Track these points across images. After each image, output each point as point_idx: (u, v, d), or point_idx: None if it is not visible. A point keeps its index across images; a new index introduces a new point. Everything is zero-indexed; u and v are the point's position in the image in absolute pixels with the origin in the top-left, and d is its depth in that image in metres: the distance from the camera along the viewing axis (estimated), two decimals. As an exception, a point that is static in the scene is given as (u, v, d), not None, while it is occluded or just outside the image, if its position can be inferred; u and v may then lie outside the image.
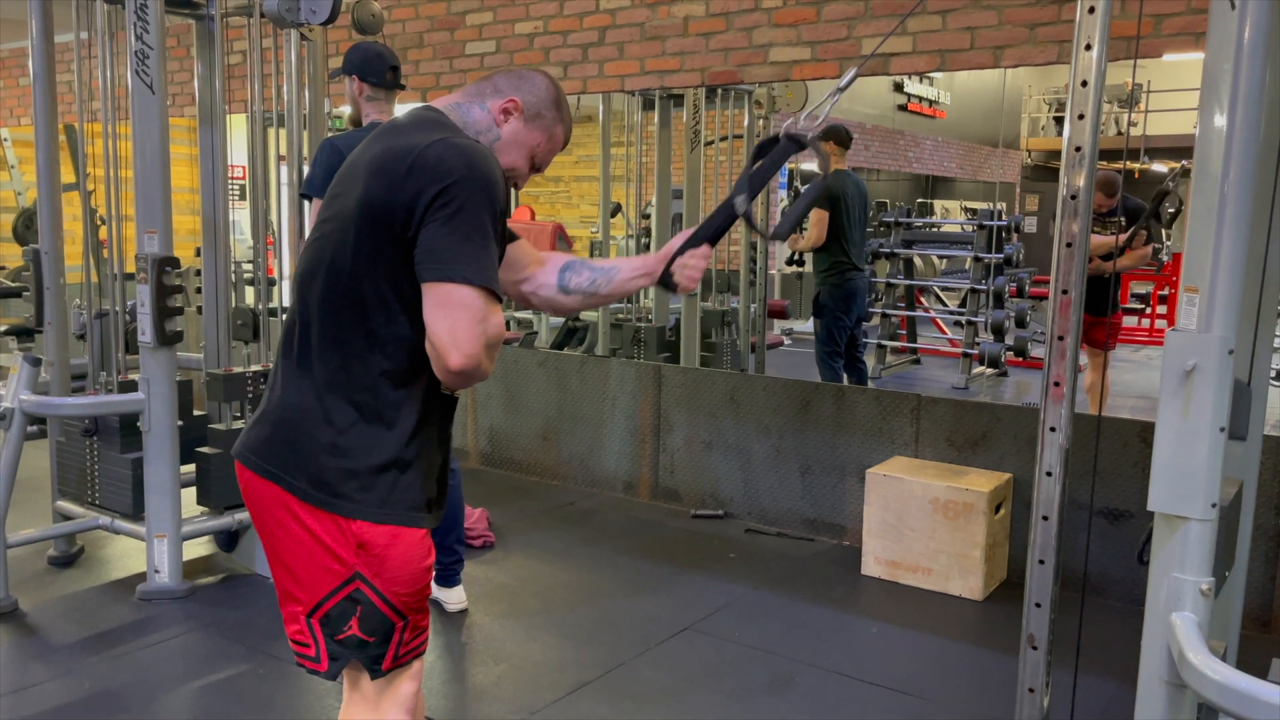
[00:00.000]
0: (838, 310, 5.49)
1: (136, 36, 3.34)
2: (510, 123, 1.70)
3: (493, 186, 1.52)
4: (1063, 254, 1.83)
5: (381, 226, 1.51)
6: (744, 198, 1.79)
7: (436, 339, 1.49)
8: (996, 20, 3.62)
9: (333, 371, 1.57)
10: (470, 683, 3.01)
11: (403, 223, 1.49)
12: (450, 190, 1.48)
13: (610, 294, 1.86)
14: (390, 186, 1.50)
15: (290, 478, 1.57)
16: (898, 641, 3.31)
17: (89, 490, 3.76)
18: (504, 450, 5.20)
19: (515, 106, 1.70)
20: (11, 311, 6.95)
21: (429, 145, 1.51)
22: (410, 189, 1.49)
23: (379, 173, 1.53)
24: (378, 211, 1.51)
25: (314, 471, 1.56)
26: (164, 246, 3.42)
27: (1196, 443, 1.50)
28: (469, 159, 1.51)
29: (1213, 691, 1.36)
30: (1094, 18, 1.75)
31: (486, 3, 4.90)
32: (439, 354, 1.50)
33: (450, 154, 1.50)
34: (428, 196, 1.48)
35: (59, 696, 2.83)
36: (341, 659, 1.63)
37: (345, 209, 1.56)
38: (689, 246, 1.82)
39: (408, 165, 1.50)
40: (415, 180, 1.49)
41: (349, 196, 1.57)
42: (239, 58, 5.36)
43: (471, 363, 1.49)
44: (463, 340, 1.48)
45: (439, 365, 1.51)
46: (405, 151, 1.52)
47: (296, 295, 1.64)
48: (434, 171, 1.48)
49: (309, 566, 1.60)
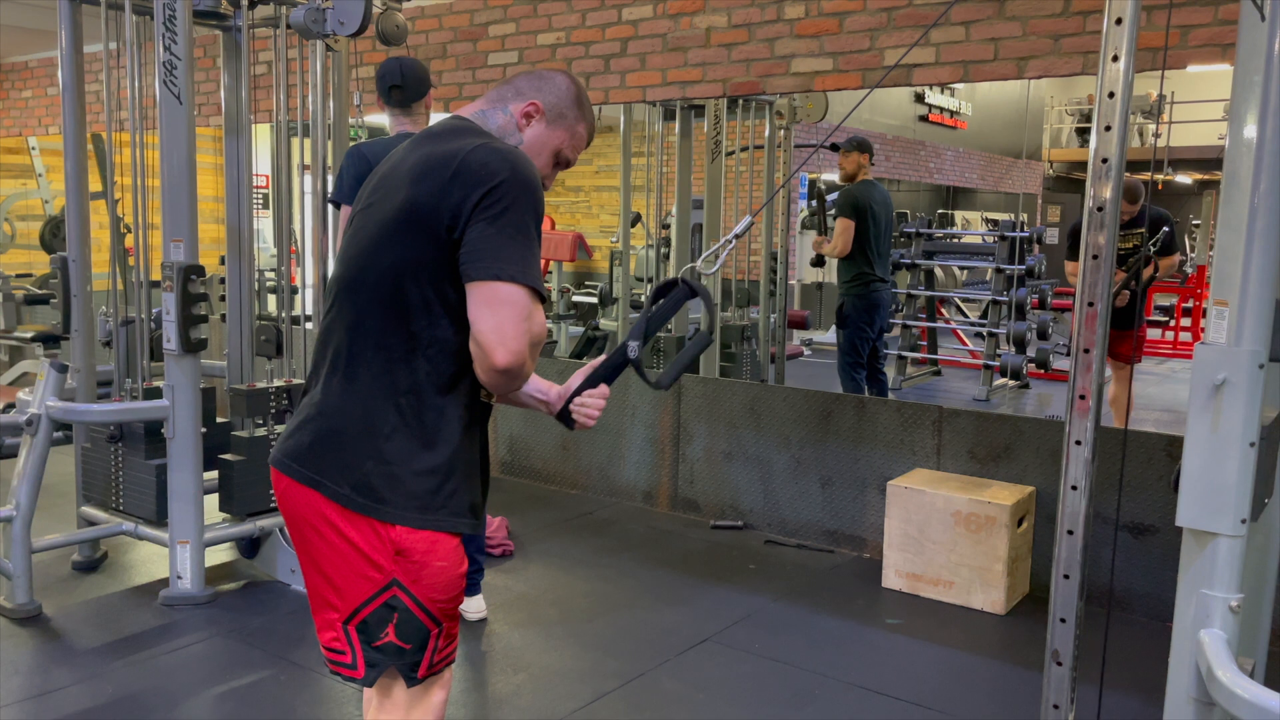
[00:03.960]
0: (861, 321, 5.47)
1: (165, 47, 3.38)
2: (532, 126, 1.71)
3: (535, 190, 1.55)
4: (1088, 266, 1.82)
5: (425, 230, 1.53)
6: (637, 344, 1.78)
7: (482, 336, 1.50)
8: (1021, 31, 3.60)
9: (375, 376, 1.58)
10: (490, 691, 3.01)
11: (448, 226, 1.51)
12: (496, 192, 1.50)
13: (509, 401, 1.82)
14: (435, 191, 1.52)
15: (333, 484, 1.58)
16: (919, 655, 3.28)
17: (113, 496, 3.80)
18: (524, 459, 5.21)
19: (536, 109, 1.71)
20: (38, 318, 7.04)
21: (473, 150, 1.54)
22: (457, 193, 1.51)
23: (422, 177, 1.55)
24: (422, 215, 1.53)
25: (358, 478, 1.57)
26: (190, 255, 3.45)
27: (1226, 457, 1.49)
28: (513, 163, 1.53)
29: (1242, 709, 1.34)
30: (1121, 29, 1.74)
31: (509, 14, 4.93)
32: (484, 352, 1.50)
33: (494, 158, 1.53)
34: (474, 199, 1.50)
35: (83, 701, 2.85)
36: (379, 666, 1.63)
37: (385, 215, 1.58)
38: (586, 386, 1.81)
39: (453, 170, 1.52)
40: (461, 184, 1.51)
41: (389, 202, 1.58)
42: (263, 68, 5.42)
43: (517, 360, 1.50)
44: (510, 337, 1.49)
45: (483, 364, 1.52)
46: (449, 156, 1.54)
47: (335, 301, 1.65)
48: (479, 175, 1.51)
49: (346, 574, 1.60)
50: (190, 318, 3.43)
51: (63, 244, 4.02)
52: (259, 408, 3.67)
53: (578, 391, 1.81)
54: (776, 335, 6.36)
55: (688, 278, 1.82)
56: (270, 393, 3.69)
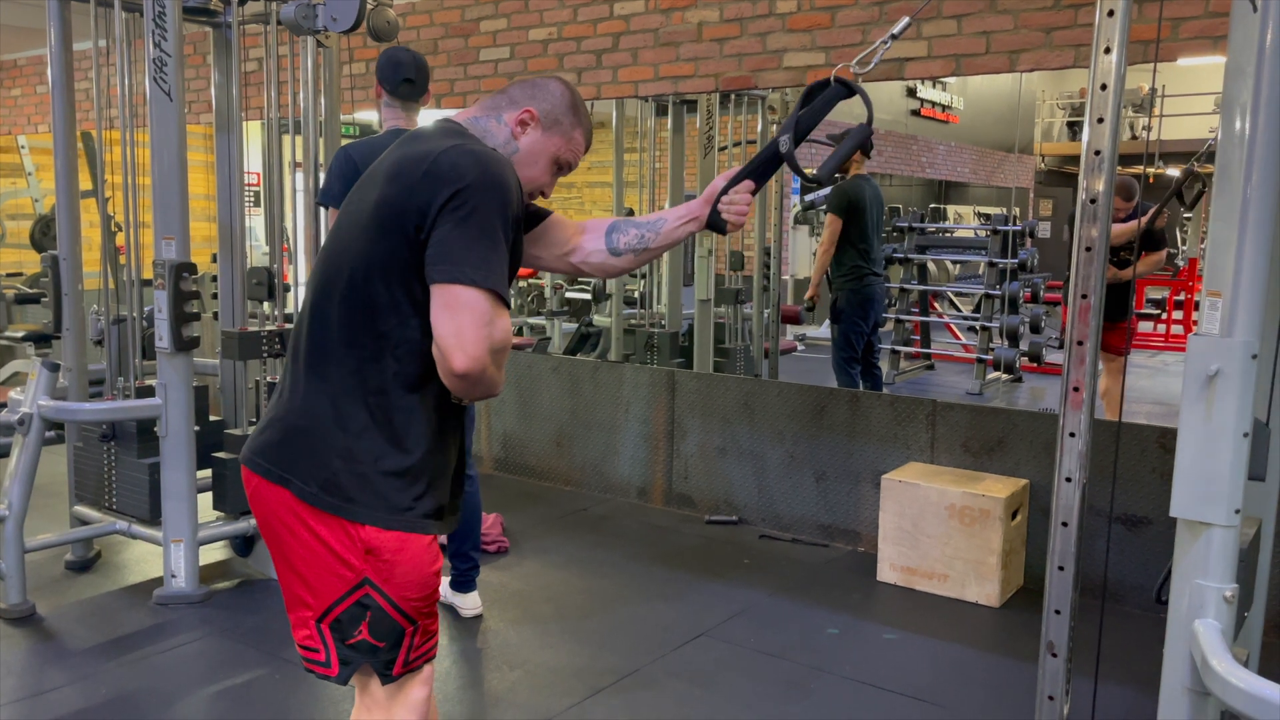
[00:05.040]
0: (855, 316, 5.47)
1: (155, 44, 3.36)
2: (528, 134, 1.71)
3: (505, 192, 1.54)
4: (1082, 258, 1.82)
5: (395, 229, 1.53)
6: (788, 138, 1.77)
7: (442, 340, 1.50)
8: (1012, 25, 3.61)
9: (346, 375, 1.57)
10: (486, 688, 3.01)
11: (416, 225, 1.51)
12: (462, 194, 1.49)
13: (660, 246, 1.86)
14: (405, 190, 1.52)
15: (301, 482, 1.57)
16: (913, 648, 3.29)
17: (106, 495, 3.78)
18: (518, 456, 5.20)
19: (531, 116, 1.71)
20: (29, 317, 7.01)
21: (444, 151, 1.54)
22: (425, 193, 1.51)
23: (395, 177, 1.55)
24: (393, 214, 1.53)
25: (326, 476, 1.56)
26: (182, 252, 3.44)
27: (1219, 448, 1.49)
28: (482, 164, 1.53)
29: (1237, 698, 1.35)
30: (1113, 21, 1.74)
31: (500, 9, 4.92)
32: (444, 355, 1.50)
33: (464, 159, 1.53)
34: (441, 199, 1.49)
35: (76, 701, 2.84)
36: (353, 663, 1.63)
37: (360, 213, 1.58)
38: (732, 185, 1.82)
39: (423, 170, 1.52)
40: (429, 184, 1.51)
41: (365, 201, 1.59)
42: (254, 65, 5.40)
43: (476, 365, 1.50)
44: (468, 342, 1.49)
45: (444, 367, 1.52)
46: (421, 157, 1.54)
47: (309, 300, 1.65)
48: (448, 175, 1.50)
49: (318, 572, 1.60)
50: (183, 315, 3.42)
51: (53, 243, 4.00)
52: (251, 350, 3.64)
53: (723, 191, 1.82)
54: (770, 330, 6.37)
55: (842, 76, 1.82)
56: (262, 336, 3.66)
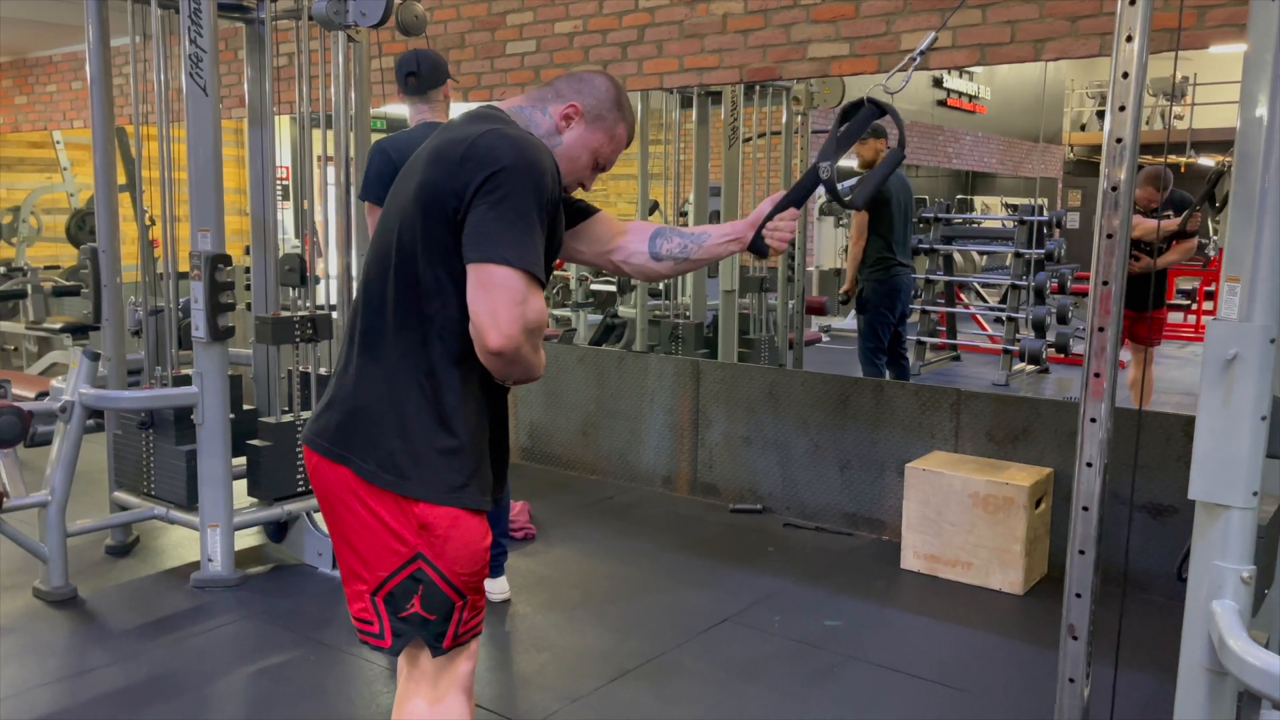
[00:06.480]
0: (881, 306, 5.47)
1: (190, 40, 3.43)
2: (572, 128, 1.75)
3: (541, 175, 1.58)
4: (1103, 246, 1.84)
5: (436, 212, 1.58)
6: (829, 164, 1.84)
7: (476, 318, 1.55)
8: (1037, 13, 3.60)
9: (399, 357, 1.63)
10: (515, 670, 3.06)
11: (454, 208, 1.56)
12: (498, 176, 1.54)
13: (700, 259, 1.92)
14: (445, 174, 1.57)
15: (360, 460, 1.64)
16: (937, 635, 3.32)
17: (145, 481, 3.87)
18: (544, 445, 5.26)
19: (576, 111, 1.75)
20: (66, 310, 7.14)
21: (482, 134, 1.58)
22: (463, 176, 1.55)
23: (435, 162, 1.60)
24: (433, 197, 1.58)
25: (383, 455, 1.63)
26: (217, 244, 3.51)
27: (1238, 431, 1.51)
28: (519, 148, 1.57)
29: (1254, 677, 1.37)
30: (1135, 9, 1.75)
31: (527, 3, 4.96)
32: (479, 333, 1.55)
33: (501, 143, 1.57)
34: (478, 181, 1.54)
35: (118, 680, 2.93)
36: (405, 636, 1.69)
37: (405, 199, 1.64)
38: (778, 211, 1.89)
39: (461, 153, 1.57)
40: (467, 167, 1.56)
41: (408, 187, 1.64)
42: (284, 60, 5.47)
43: (511, 344, 1.54)
44: (503, 320, 1.53)
45: (479, 346, 1.57)
46: (460, 141, 1.59)
47: (362, 284, 1.72)
48: (485, 158, 1.55)
49: (373, 546, 1.66)
50: (218, 306, 3.49)
51: (88, 237, 4.08)
52: (284, 334, 3.71)
53: (769, 217, 1.89)
54: (795, 321, 6.38)
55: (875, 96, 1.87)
56: (295, 320, 3.73)
